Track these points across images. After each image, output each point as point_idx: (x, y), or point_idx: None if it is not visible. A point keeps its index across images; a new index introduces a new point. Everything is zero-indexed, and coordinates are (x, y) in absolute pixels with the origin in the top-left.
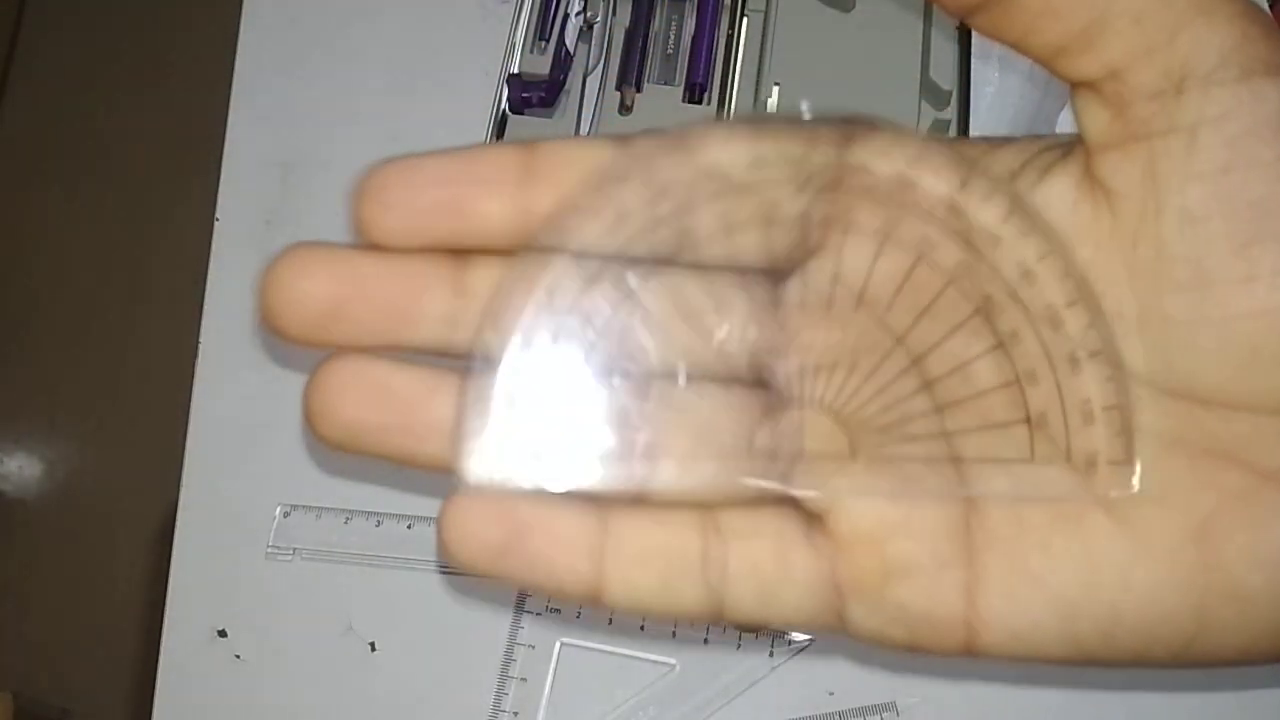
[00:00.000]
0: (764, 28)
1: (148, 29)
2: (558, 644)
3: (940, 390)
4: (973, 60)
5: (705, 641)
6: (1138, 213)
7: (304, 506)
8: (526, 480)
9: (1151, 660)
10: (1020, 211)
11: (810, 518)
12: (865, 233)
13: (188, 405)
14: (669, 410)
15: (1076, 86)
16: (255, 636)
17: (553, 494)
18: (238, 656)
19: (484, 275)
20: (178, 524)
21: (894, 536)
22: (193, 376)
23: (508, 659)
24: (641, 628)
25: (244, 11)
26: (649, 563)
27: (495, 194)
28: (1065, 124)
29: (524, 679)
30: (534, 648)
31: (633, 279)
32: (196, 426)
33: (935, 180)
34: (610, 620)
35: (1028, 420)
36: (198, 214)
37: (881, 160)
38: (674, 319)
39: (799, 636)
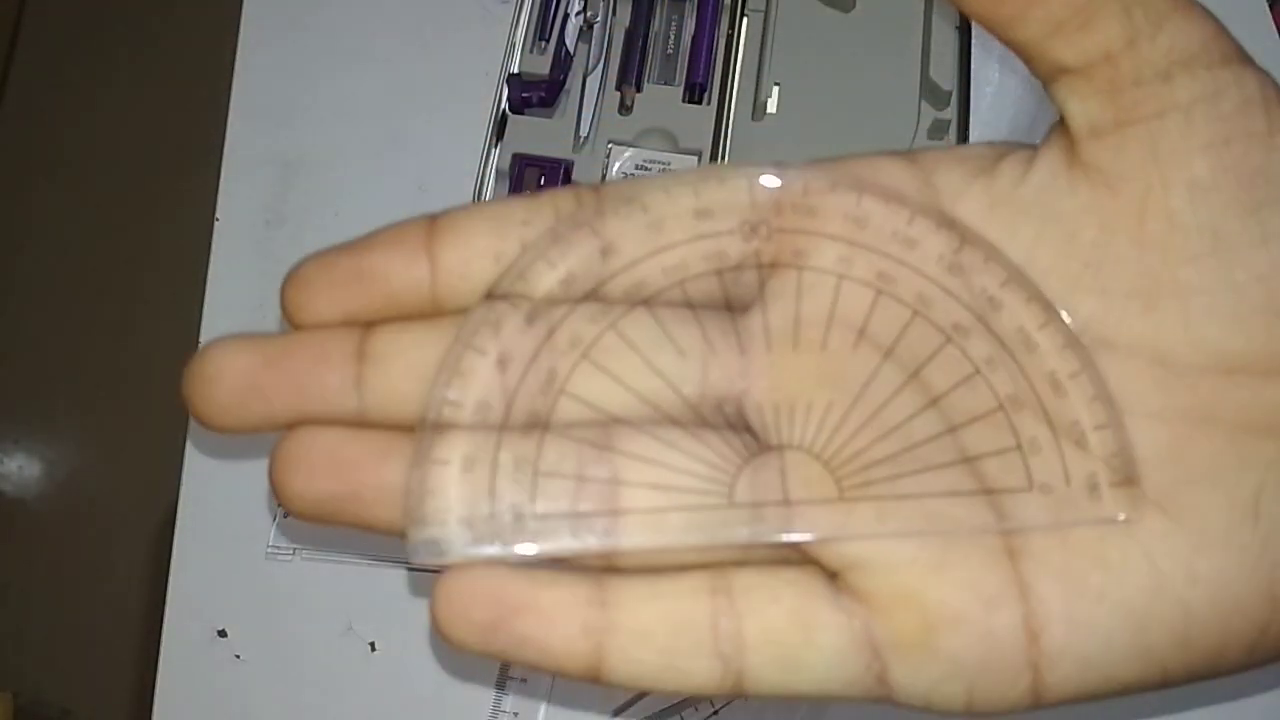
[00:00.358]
0: (764, 28)
1: (148, 28)
2: None
3: (947, 408)
4: (973, 60)
5: None
6: (1141, 190)
7: None
8: (480, 548)
9: (1226, 662)
10: (975, 241)
11: (832, 576)
12: (820, 271)
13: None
14: (633, 462)
15: (1061, 77)
16: (255, 636)
17: (546, 566)
18: (238, 656)
19: (387, 339)
20: (178, 524)
21: (931, 585)
22: None
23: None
24: None
25: (244, 11)
26: (652, 638)
27: (398, 258)
28: None
29: (524, 679)
30: None
31: (584, 326)
32: (196, 426)
33: (885, 216)
34: None
35: (1019, 446)
36: (198, 214)
37: (828, 199)
38: (630, 362)
39: None
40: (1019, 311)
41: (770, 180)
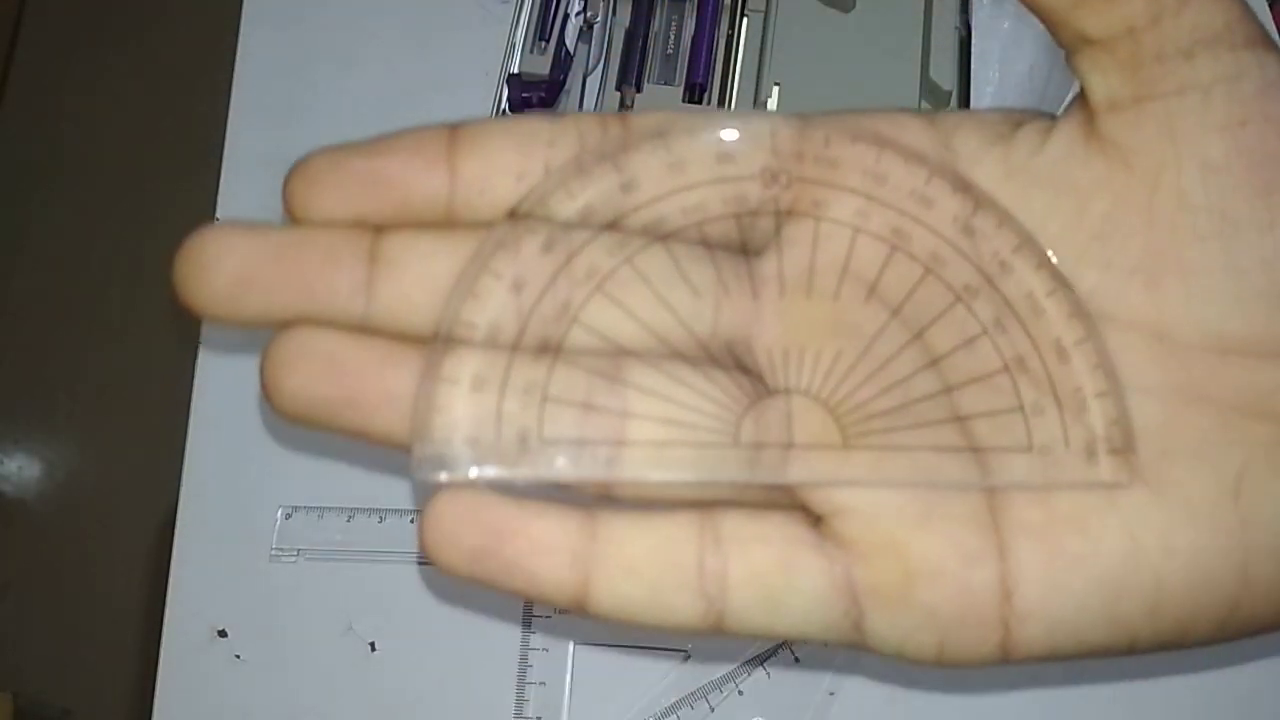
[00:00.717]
0: (764, 28)
1: (148, 29)
2: (571, 644)
3: (944, 369)
4: (973, 60)
5: None
6: (1155, 167)
7: (305, 507)
8: (484, 468)
9: (1195, 634)
10: (990, 205)
11: (817, 521)
12: (837, 222)
13: (188, 405)
14: (641, 395)
15: (1084, 48)
16: (255, 636)
17: (537, 495)
18: (238, 656)
19: (399, 244)
20: (178, 525)
21: (915, 537)
22: (193, 376)
23: (523, 665)
24: None
25: (244, 11)
26: (638, 573)
27: (417, 165)
28: None
29: (543, 683)
30: (548, 651)
31: (601, 258)
32: (196, 426)
33: (904, 174)
34: None
35: (1022, 408)
36: (198, 214)
37: (849, 153)
38: (644, 296)
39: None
40: (1028, 277)
41: (793, 129)
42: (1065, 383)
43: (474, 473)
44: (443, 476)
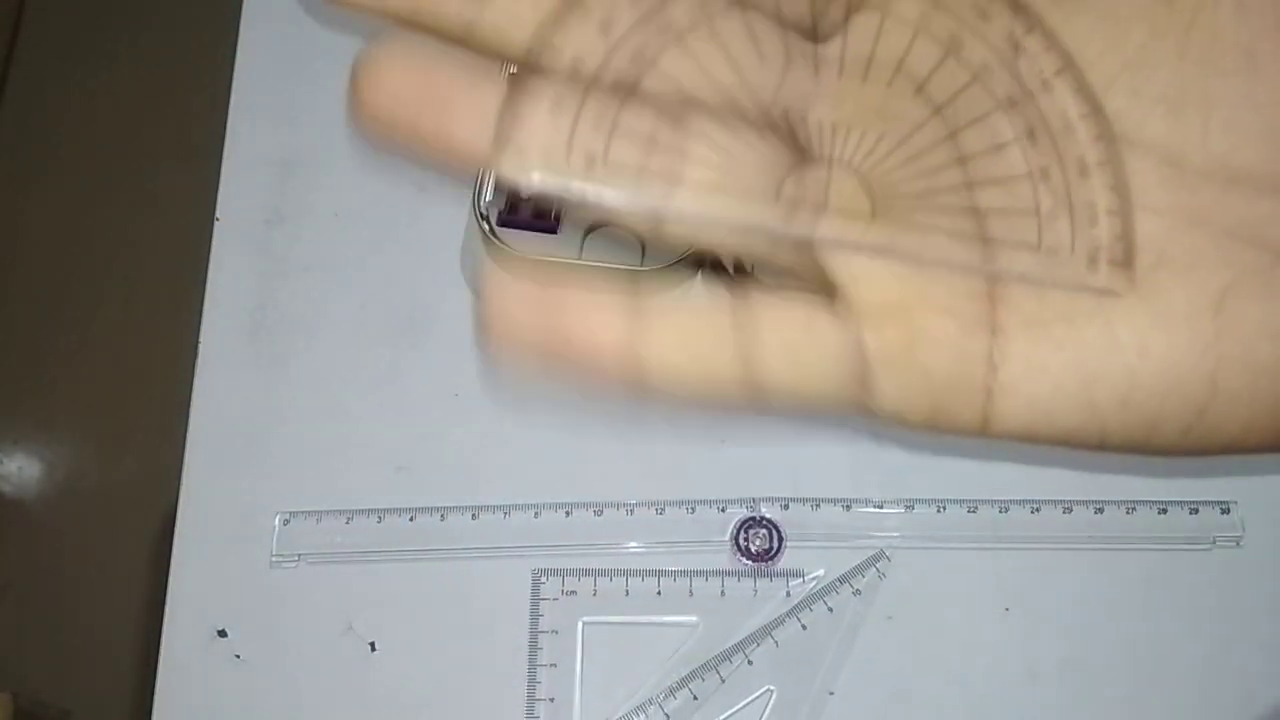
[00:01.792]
0: None
1: (148, 29)
2: (580, 625)
3: (970, 167)
4: None
5: (722, 594)
6: (1195, 3)
7: (304, 512)
8: (553, 179)
9: (1161, 434)
10: (1042, 28)
11: (834, 292)
12: (901, 21)
13: (188, 405)
14: (700, 141)
15: None
16: (255, 636)
17: (585, 285)
18: (238, 656)
19: None
20: (178, 525)
21: (921, 307)
22: (193, 376)
23: (534, 649)
24: (659, 593)
25: (244, 11)
26: (684, 335)
27: None
28: None
29: (554, 665)
30: (557, 633)
31: (684, 14)
32: (196, 427)
33: None
34: (626, 592)
35: (1038, 212)
36: (198, 214)
37: None
38: (717, 56)
39: (810, 576)
40: (1066, 98)
41: None
42: (1081, 197)
43: (544, 182)
44: (515, 182)
